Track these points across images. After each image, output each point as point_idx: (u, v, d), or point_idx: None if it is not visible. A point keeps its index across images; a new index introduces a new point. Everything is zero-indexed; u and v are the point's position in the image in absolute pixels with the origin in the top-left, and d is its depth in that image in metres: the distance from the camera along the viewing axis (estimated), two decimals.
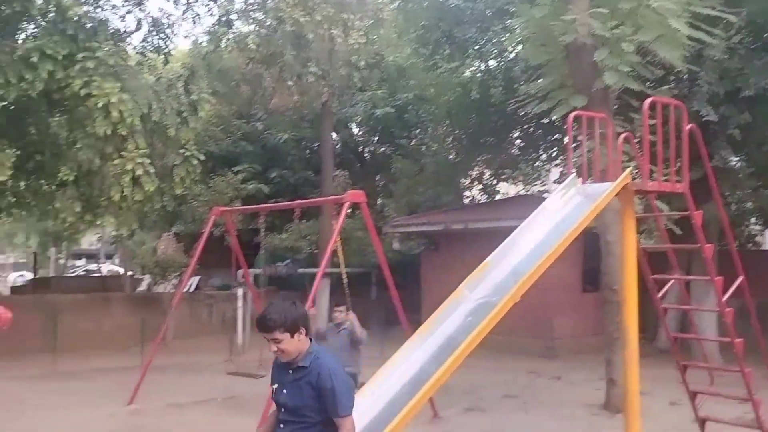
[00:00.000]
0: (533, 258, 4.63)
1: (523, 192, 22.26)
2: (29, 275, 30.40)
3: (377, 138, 23.01)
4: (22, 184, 12.62)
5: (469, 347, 3.99)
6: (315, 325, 8.10)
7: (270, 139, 20.62)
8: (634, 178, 6.01)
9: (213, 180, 17.03)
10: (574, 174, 5.88)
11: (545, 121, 17.00)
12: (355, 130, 23.47)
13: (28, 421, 8.70)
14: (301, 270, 17.75)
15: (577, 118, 6.35)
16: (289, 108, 19.43)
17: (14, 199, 13.20)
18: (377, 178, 23.52)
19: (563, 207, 5.44)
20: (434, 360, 4.19)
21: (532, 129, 17.91)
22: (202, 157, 11.29)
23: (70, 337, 14.02)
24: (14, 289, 24.84)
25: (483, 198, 21.73)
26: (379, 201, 21.70)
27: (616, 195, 5.61)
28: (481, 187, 21.76)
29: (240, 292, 15.25)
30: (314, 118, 20.51)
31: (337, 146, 21.74)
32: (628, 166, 6.60)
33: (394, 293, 9.03)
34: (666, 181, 6.16)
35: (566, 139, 17.15)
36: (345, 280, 8.26)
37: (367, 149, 24.09)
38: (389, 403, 4.09)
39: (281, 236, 17.97)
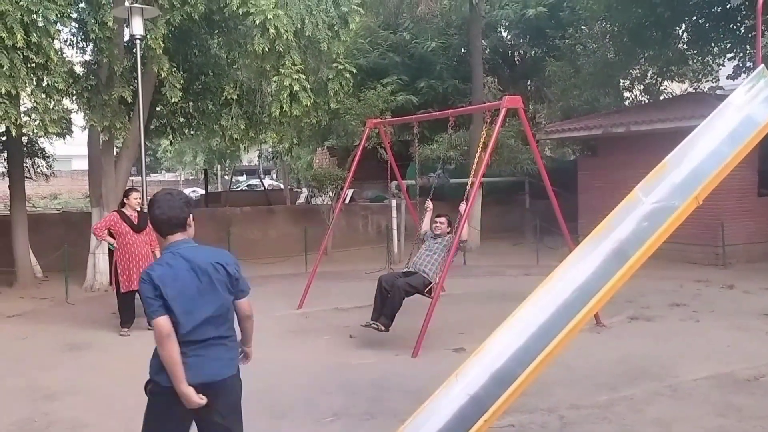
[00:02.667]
0: (717, 158, 4.25)
1: (690, 90, 20.55)
2: (201, 191, 32.79)
3: (528, 40, 22.00)
4: (190, 104, 13.44)
5: (646, 254, 3.78)
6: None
7: (417, 48, 20.34)
8: None
9: (363, 93, 17.17)
10: (762, 66, 5.26)
11: (718, 9, 15.38)
12: (505, 34, 22.55)
13: None
14: (452, 180, 17.72)
15: None
16: (435, 15, 18.97)
17: (184, 119, 14.13)
18: (528, 83, 22.65)
19: (750, 102, 4.91)
20: (607, 266, 4.02)
21: (702, 19, 16.29)
22: (354, 70, 11.35)
23: (242, 246, 15.10)
24: None
25: (645, 99, 20.32)
26: (530, 107, 20.95)
27: None
28: (642, 87, 20.33)
29: (394, 203, 15.54)
30: (462, 24, 19.93)
31: (486, 52, 21.06)
32: None
33: (553, 201, 8.75)
34: None
35: (744, 28, 15.48)
36: (468, 185, 8.11)
37: (517, 53, 23.16)
38: (558, 311, 4.00)
39: (432, 147, 17.94)
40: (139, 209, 8.94)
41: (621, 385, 6.24)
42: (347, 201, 19.89)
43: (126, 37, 11.15)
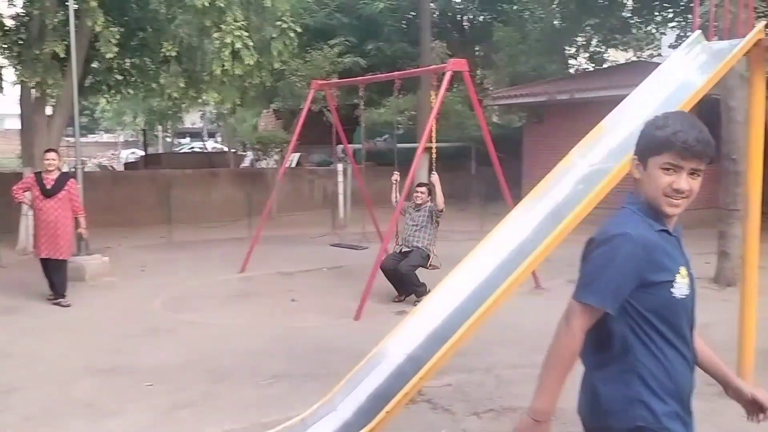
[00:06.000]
0: None
1: (634, 59, 20.88)
2: (140, 152, 31.94)
3: (477, 5, 21.92)
4: (127, 61, 12.95)
5: (580, 215, 3.81)
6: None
7: (365, 9, 20.03)
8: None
9: (309, 54, 16.86)
10: (699, 32, 5.32)
11: None
12: None
13: (149, 284, 9.35)
14: (399, 145, 17.66)
15: None
16: None
17: (121, 77, 13.63)
18: (477, 48, 22.64)
19: (686, 67, 4.97)
20: (542, 227, 4.06)
21: None
22: (299, 30, 11.09)
23: (183, 209, 14.81)
24: (127, 166, 26.25)
25: (590, 67, 20.57)
26: (478, 72, 20.97)
27: (746, 53, 5.07)
28: (588, 55, 20.57)
29: (340, 167, 15.42)
30: None
31: (435, 15, 20.90)
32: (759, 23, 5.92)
33: (497, 167, 8.82)
34: None
35: None
36: (433, 155, 8.22)
37: (466, 18, 23.07)
38: (496, 270, 4.03)
39: (379, 111, 17.82)
40: (60, 170, 8.17)
41: None
42: (293, 165, 19.67)
43: None
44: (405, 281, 8.05)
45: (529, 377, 5.39)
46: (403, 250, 8.26)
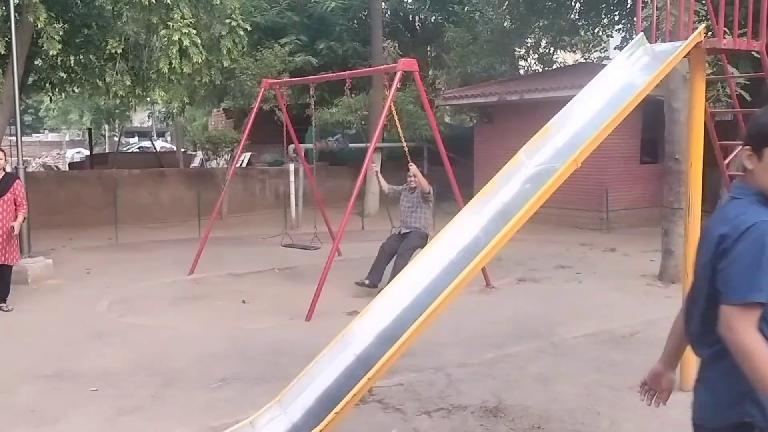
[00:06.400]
0: (597, 122, 4.38)
1: (581, 60, 21.30)
2: (86, 152, 31.17)
3: (428, 5, 22.04)
4: (71, 58, 12.61)
5: (527, 214, 3.86)
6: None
7: (317, 8, 19.93)
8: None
9: (260, 53, 16.69)
10: (642, 34, 5.45)
11: None
12: None
13: (95, 287, 9.11)
14: (352, 145, 17.64)
15: None
16: None
17: (65, 75, 13.26)
18: (428, 48, 22.76)
19: (629, 69, 5.09)
20: (490, 227, 4.10)
21: None
22: (249, 27, 10.96)
23: (130, 210, 14.49)
24: (72, 165, 25.56)
25: (539, 68, 20.90)
26: (430, 73, 21.08)
27: (686, 55, 5.21)
28: (537, 56, 20.89)
29: (292, 167, 15.30)
30: None
31: (386, 15, 20.94)
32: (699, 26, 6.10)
33: (448, 167, 8.89)
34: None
35: (631, 1, 16.10)
36: (405, 148, 8.57)
37: (417, 18, 23.17)
38: (444, 271, 4.05)
39: (331, 111, 17.75)
40: (5, 171, 7.78)
41: (507, 343, 6.45)
42: (244, 165, 19.46)
43: None
44: (396, 265, 8.20)
45: (479, 375, 5.50)
46: (402, 231, 8.67)
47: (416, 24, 23.23)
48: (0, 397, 5.18)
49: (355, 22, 21.19)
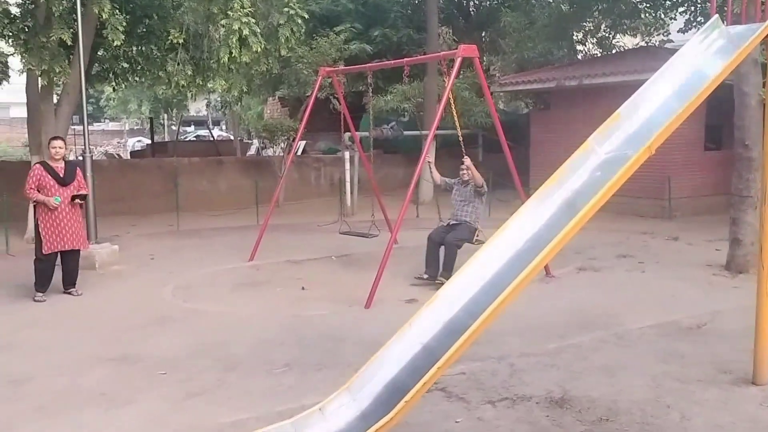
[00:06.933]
0: (670, 108, 4.23)
1: (642, 44, 20.70)
2: (146, 141, 31.89)
3: None
4: (134, 49, 12.88)
5: (599, 203, 3.75)
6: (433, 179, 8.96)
7: None
8: None
9: (315, 41, 16.75)
10: (717, 16, 5.24)
11: None
12: None
13: (159, 272, 9.35)
14: (406, 132, 17.59)
15: None
16: None
17: (128, 65, 13.57)
18: (483, 34, 22.46)
19: (703, 53, 4.89)
20: (559, 216, 4.01)
21: None
22: (306, 16, 10.99)
23: (190, 197, 14.78)
24: (133, 154, 26.22)
25: (598, 52, 20.40)
26: (485, 59, 20.80)
27: (763, 39, 4.99)
28: (596, 40, 20.38)
29: (347, 155, 15.36)
30: None
31: (441, 1, 20.74)
32: None
33: (508, 155, 8.76)
34: None
35: None
36: (460, 138, 8.24)
37: (472, 3, 22.90)
38: (510, 261, 3.98)
39: (385, 98, 17.72)
40: (65, 159, 8.02)
41: (569, 333, 6.35)
42: (299, 153, 19.60)
43: None
44: (446, 254, 8.19)
45: (542, 366, 5.42)
46: (451, 223, 8.54)
47: (471, 9, 22.96)
48: (69, 380, 5.36)
49: (409, 8, 21.06)
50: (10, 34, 10.43)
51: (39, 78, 11.20)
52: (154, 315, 7.24)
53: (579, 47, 20.88)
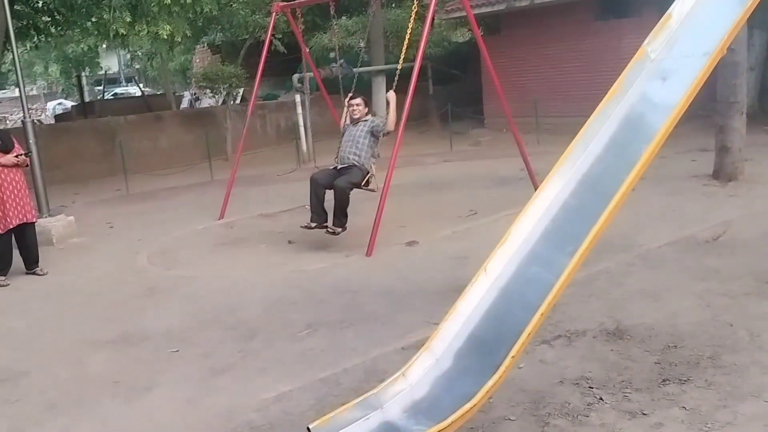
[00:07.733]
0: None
1: None
2: (68, 103, 29.93)
3: None
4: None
5: (683, 108, 3.40)
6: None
7: None
8: None
9: None
10: None
11: None
12: None
13: (124, 241, 8.62)
14: (357, 69, 16.85)
15: None
16: None
17: (49, 18, 12.29)
18: None
19: None
20: (625, 132, 3.64)
21: None
22: None
23: (132, 158, 13.74)
24: (58, 118, 24.46)
25: None
26: None
27: None
28: None
29: (298, 98, 14.60)
30: None
31: None
32: None
33: (499, 90, 8.29)
34: None
35: None
36: (398, 70, 7.63)
37: None
38: (582, 186, 3.62)
39: (326, 36, 16.91)
40: None
41: (591, 259, 6.01)
42: (238, 101, 18.60)
43: None
44: (338, 200, 7.11)
45: (580, 297, 5.12)
46: (339, 167, 7.33)
47: None
48: (71, 370, 4.75)
49: None
50: None
51: None
52: (138, 287, 6.59)
53: None
